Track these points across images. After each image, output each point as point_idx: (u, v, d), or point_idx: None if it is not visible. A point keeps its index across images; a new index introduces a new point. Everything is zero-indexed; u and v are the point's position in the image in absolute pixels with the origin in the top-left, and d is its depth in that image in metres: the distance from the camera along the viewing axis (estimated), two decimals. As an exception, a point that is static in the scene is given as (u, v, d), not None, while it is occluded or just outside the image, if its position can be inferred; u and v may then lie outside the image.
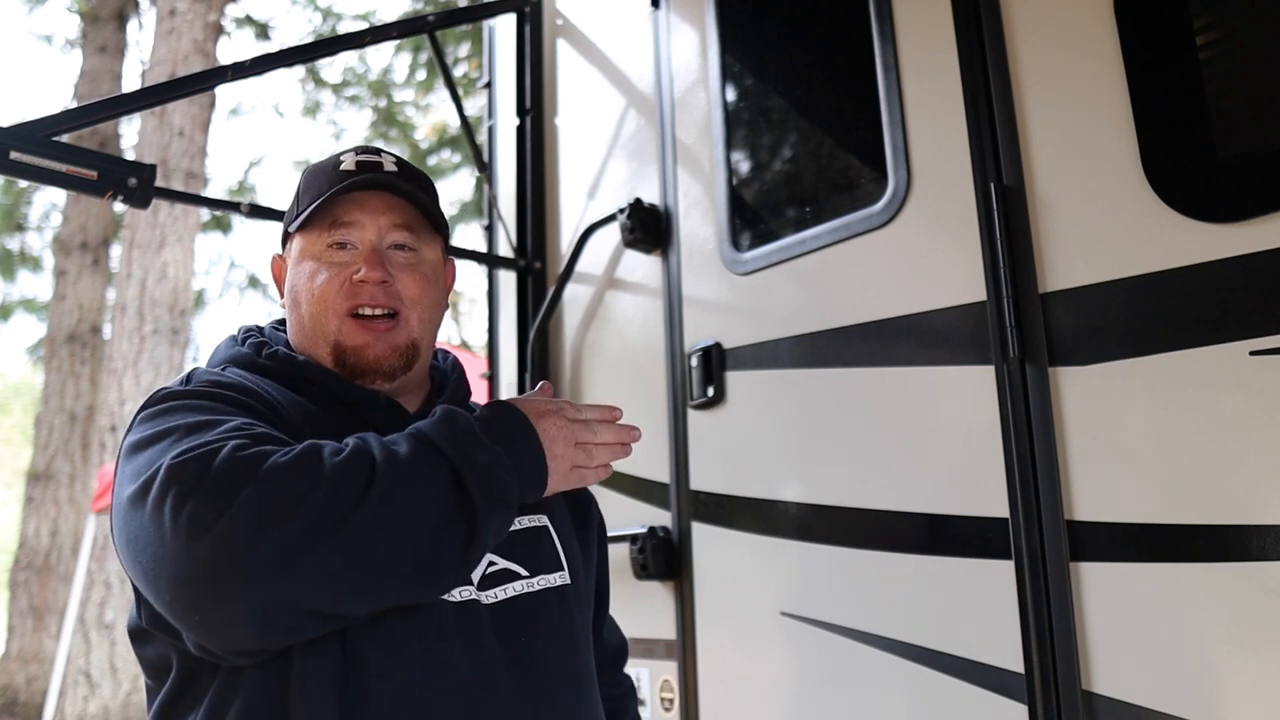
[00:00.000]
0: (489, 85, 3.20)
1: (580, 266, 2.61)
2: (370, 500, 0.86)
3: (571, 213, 2.74)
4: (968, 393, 1.66)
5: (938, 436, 1.72)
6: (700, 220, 2.27)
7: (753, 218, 2.19)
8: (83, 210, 9.85)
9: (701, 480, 2.16)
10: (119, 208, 7.49)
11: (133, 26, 10.88)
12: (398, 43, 9.71)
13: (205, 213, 9.01)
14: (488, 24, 3.22)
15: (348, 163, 1.17)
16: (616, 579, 1.44)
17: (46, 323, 10.18)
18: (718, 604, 2.09)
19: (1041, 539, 1.52)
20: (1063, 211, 1.59)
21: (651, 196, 2.42)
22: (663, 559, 2.17)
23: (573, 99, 2.85)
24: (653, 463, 2.29)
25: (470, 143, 2.96)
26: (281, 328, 1.23)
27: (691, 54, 2.38)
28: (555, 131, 2.88)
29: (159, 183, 1.99)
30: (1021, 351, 1.59)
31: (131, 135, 10.07)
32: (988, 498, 1.61)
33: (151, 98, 2.29)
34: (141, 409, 1.02)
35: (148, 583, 0.87)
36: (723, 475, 2.11)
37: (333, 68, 12.36)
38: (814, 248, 1.98)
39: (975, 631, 1.60)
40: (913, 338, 1.77)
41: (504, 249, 2.90)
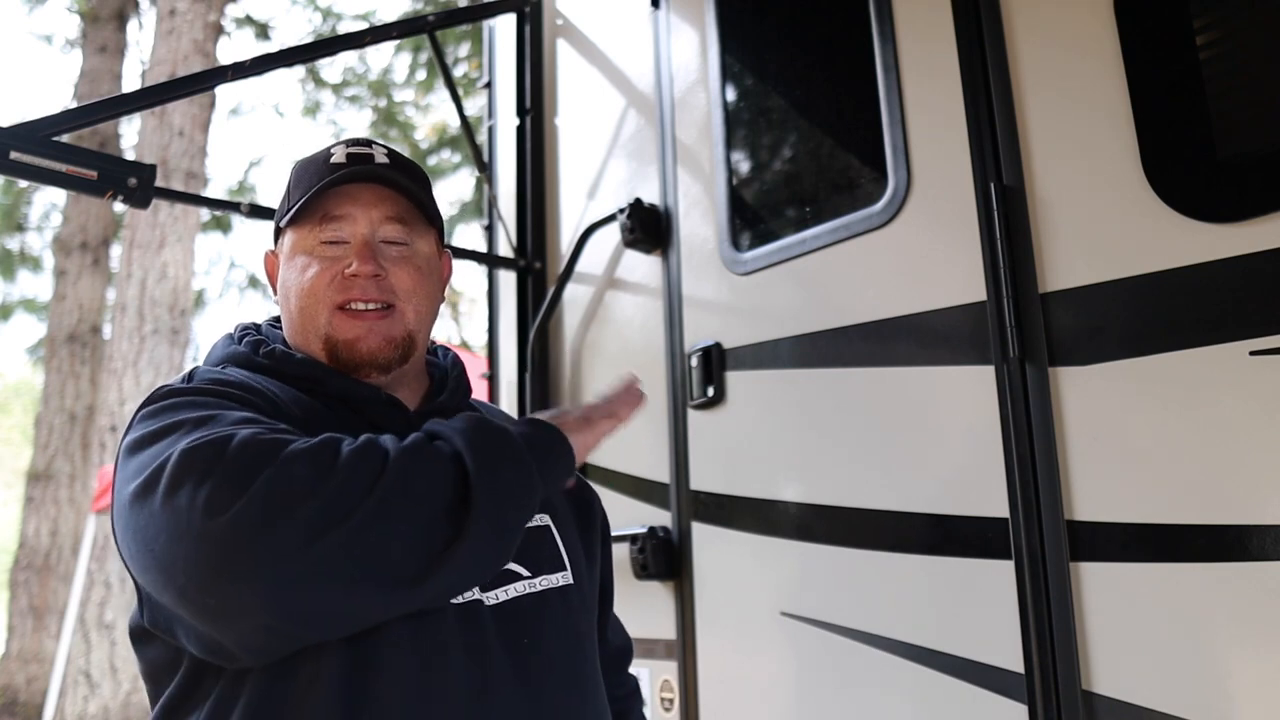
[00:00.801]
0: (489, 85, 3.20)
1: (580, 266, 2.61)
2: (380, 491, 0.85)
3: (571, 213, 2.74)
4: (968, 393, 1.66)
5: (938, 436, 1.72)
6: (700, 220, 2.27)
7: (753, 218, 2.19)
8: (83, 210, 9.85)
9: (701, 480, 2.16)
10: (119, 208, 7.49)
11: (133, 26, 10.89)
12: (398, 43, 9.71)
13: (205, 213, 9.01)
14: (488, 24, 3.22)
15: (338, 155, 1.15)
16: (616, 579, 1.43)
17: (46, 323, 10.18)
18: (718, 604, 2.09)
19: (1041, 539, 1.52)
20: (1063, 211, 1.59)
21: (651, 196, 2.42)
22: (663, 559, 2.17)
23: (573, 99, 2.85)
24: (653, 463, 2.29)
25: (470, 143, 2.96)
26: (279, 325, 1.21)
27: (691, 54, 2.38)
28: (555, 131, 2.88)
29: (159, 183, 1.98)
30: (1021, 351, 1.59)
31: (131, 135, 10.07)
32: (988, 498, 1.61)
33: (151, 98, 2.29)
34: (142, 406, 1.00)
35: (161, 571, 0.85)
36: (723, 475, 2.11)
37: (333, 68, 12.37)
38: (814, 248, 1.97)
39: (975, 631, 1.60)
40: (913, 338, 1.77)
41: (504, 249, 2.90)
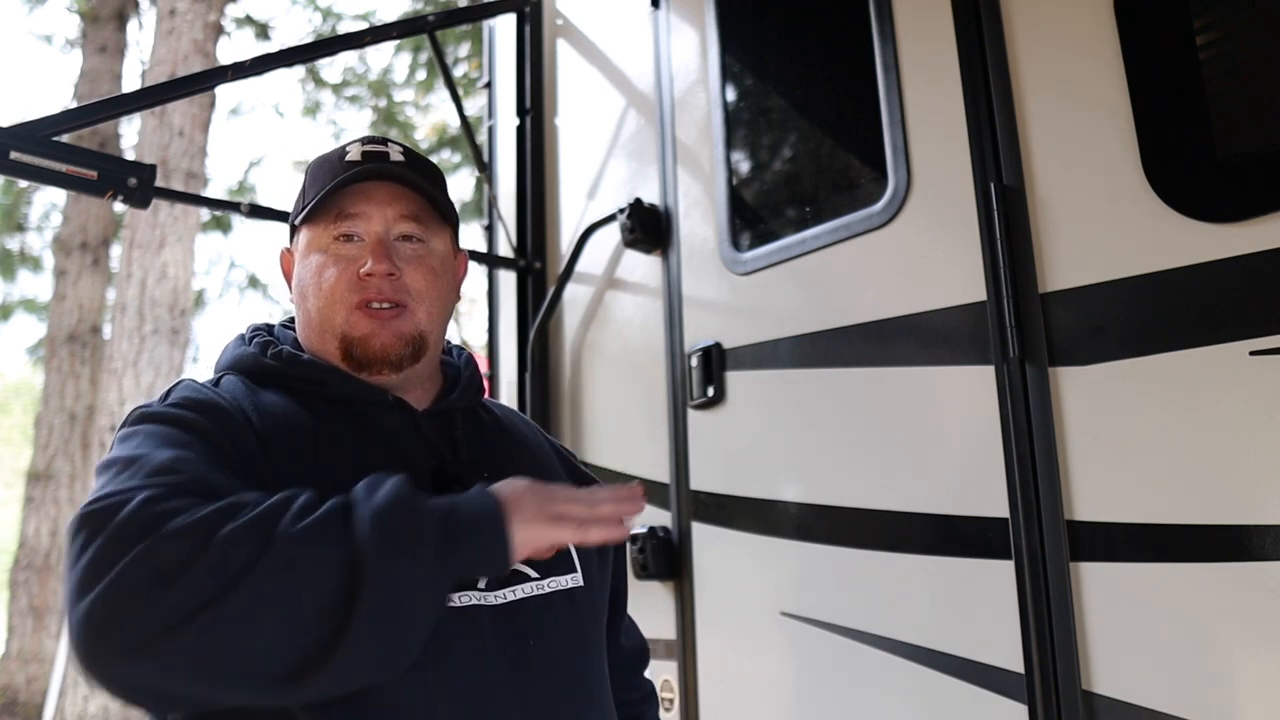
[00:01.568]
0: (489, 85, 3.20)
1: (580, 266, 2.61)
2: (246, 585, 0.79)
3: (571, 213, 2.74)
4: (968, 393, 1.66)
5: (938, 436, 1.72)
6: (700, 220, 2.27)
7: (753, 218, 2.19)
8: (83, 210, 9.85)
9: (701, 480, 2.16)
10: (119, 208, 7.49)
11: (133, 26, 10.88)
12: (398, 43, 9.71)
13: (205, 213, 9.01)
14: (488, 24, 3.22)
15: (353, 153, 1.15)
16: (617, 579, 1.43)
17: (46, 323, 10.17)
18: (718, 604, 2.09)
19: (1041, 539, 1.52)
20: (1063, 211, 1.59)
21: (651, 196, 2.42)
22: (663, 559, 2.17)
23: (573, 99, 2.85)
24: (653, 463, 2.29)
25: (470, 143, 2.96)
26: (291, 325, 1.21)
27: (691, 54, 2.38)
28: (555, 131, 2.88)
29: (159, 183, 1.99)
30: (1021, 351, 1.58)
31: (131, 135, 10.06)
32: (988, 498, 1.61)
33: (151, 98, 2.30)
34: (121, 425, 1.01)
35: None
36: (723, 475, 2.11)
37: (333, 68, 12.35)
38: (814, 248, 1.97)
39: (975, 631, 1.60)
40: (913, 338, 1.77)
41: (504, 249, 2.90)
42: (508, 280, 2.92)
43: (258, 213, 2.35)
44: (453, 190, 1.19)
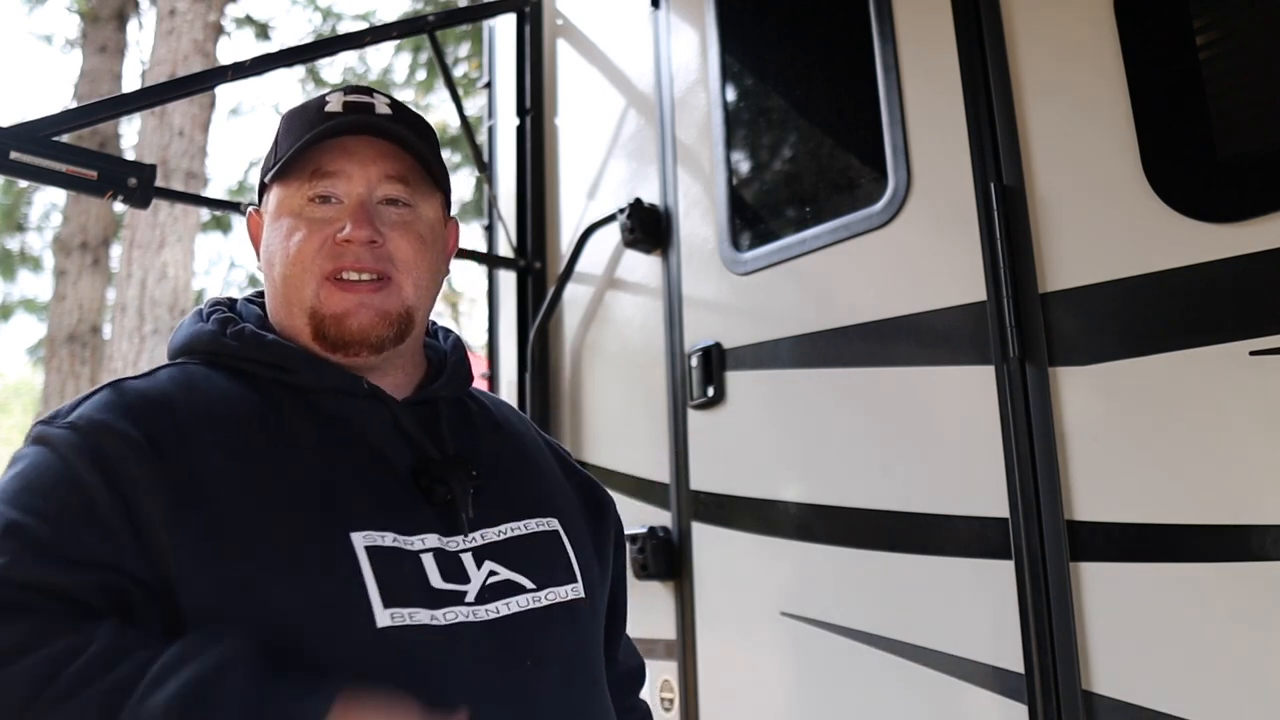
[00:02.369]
0: (489, 85, 3.20)
1: (580, 266, 2.61)
2: None
3: (571, 213, 2.74)
4: (968, 393, 1.66)
5: (938, 436, 1.72)
6: (700, 220, 2.27)
7: (753, 218, 2.19)
8: (83, 210, 9.85)
9: (701, 480, 2.16)
10: (119, 208, 7.48)
11: (133, 26, 10.88)
12: (398, 43, 9.71)
13: (205, 213, 9.01)
14: (488, 24, 3.22)
15: (334, 103, 1.01)
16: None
17: (46, 323, 10.17)
18: (718, 604, 2.09)
19: (1041, 539, 1.52)
20: (1063, 211, 1.59)
21: (651, 196, 2.42)
22: (663, 559, 2.17)
23: (573, 99, 2.85)
24: (653, 463, 2.29)
25: (470, 143, 2.96)
26: (258, 300, 1.08)
27: (691, 54, 2.38)
28: (555, 131, 2.88)
29: (159, 183, 1.99)
30: (1021, 351, 1.58)
31: (131, 135, 10.06)
32: (988, 498, 1.60)
33: (151, 98, 2.30)
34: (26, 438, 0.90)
35: None
36: (723, 475, 2.11)
37: (333, 68, 12.34)
38: (814, 248, 1.97)
39: (975, 631, 1.60)
40: (913, 338, 1.77)
41: (504, 249, 2.90)
42: (508, 280, 2.92)
43: (258, 213, 2.35)
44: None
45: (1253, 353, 1.34)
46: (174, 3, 8.34)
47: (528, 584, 0.96)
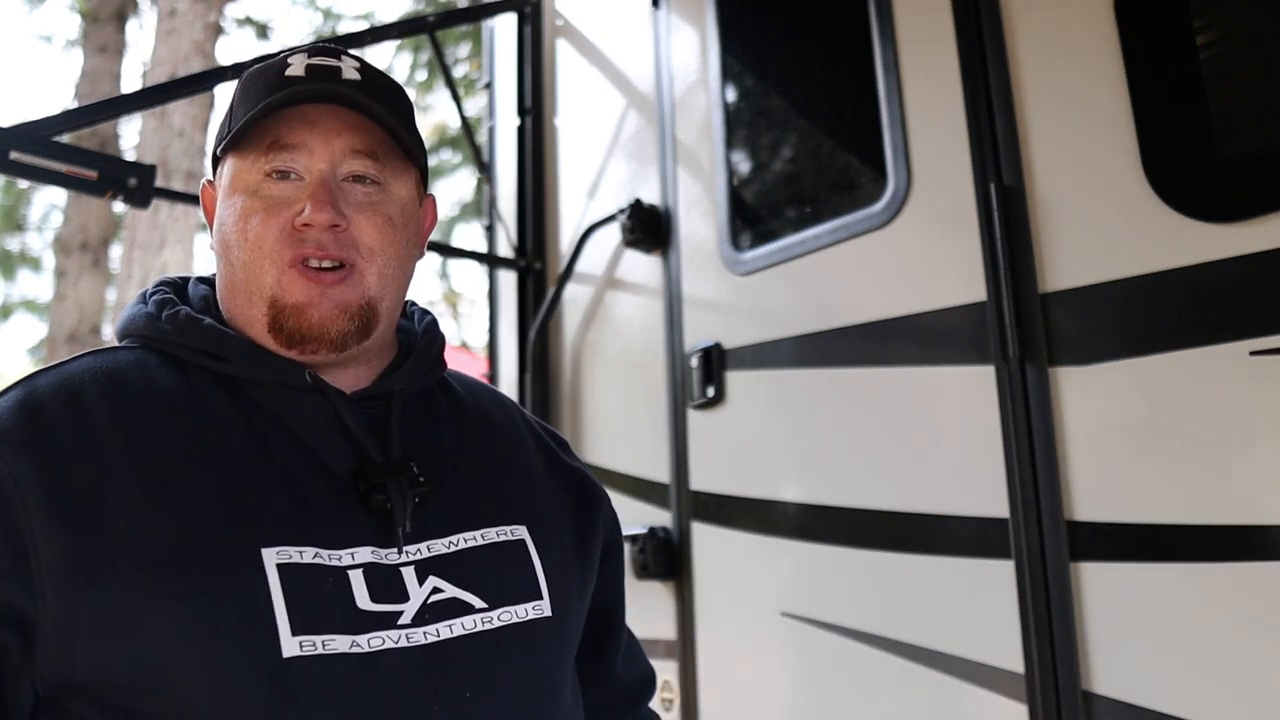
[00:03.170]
0: (489, 85, 3.21)
1: (580, 266, 2.61)
2: None
3: (571, 213, 2.74)
4: (968, 393, 1.66)
5: (938, 436, 1.72)
6: (700, 220, 2.27)
7: (753, 218, 2.19)
8: (83, 210, 9.85)
9: (701, 480, 2.16)
10: (119, 208, 7.48)
11: (133, 26, 10.88)
12: (398, 43, 9.71)
13: (205, 213, 9.01)
14: (488, 24, 3.22)
15: (296, 66, 0.89)
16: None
17: (46, 323, 10.18)
18: (718, 604, 2.09)
19: (1041, 539, 1.52)
20: (1063, 211, 1.59)
21: (651, 196, 2.42)
22: (663, 559, 2.17)
23: (573, 99, 2.85)
24: (653, 463, 2.29)
25: (470, 143, 2.97)
26: (210, 281, 0.96)
27: (691, 54, 2.38)
28: (555, 131, 2.89)
29: (159, 183, 1.99)
30: (1021, 351, 1.58)
31: (131, 135, 10.07)
32: (988, 498, 1.61)
33: (151, 98, 2.30)
34: None
35: None
36: (723, 475, 2.11)
37: (333, 68, 12.33)
38: (814, 248, 1.97)
39: (975, 631, 1.60)
40: (913, 338, 1.77)
41: (504, 249, 2.90)
42: (508, 280, 2.92)
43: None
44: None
45: (1253, 353, 1.34)
46: (174, 3, 8.34)
47: (477, 603, 0.85)
